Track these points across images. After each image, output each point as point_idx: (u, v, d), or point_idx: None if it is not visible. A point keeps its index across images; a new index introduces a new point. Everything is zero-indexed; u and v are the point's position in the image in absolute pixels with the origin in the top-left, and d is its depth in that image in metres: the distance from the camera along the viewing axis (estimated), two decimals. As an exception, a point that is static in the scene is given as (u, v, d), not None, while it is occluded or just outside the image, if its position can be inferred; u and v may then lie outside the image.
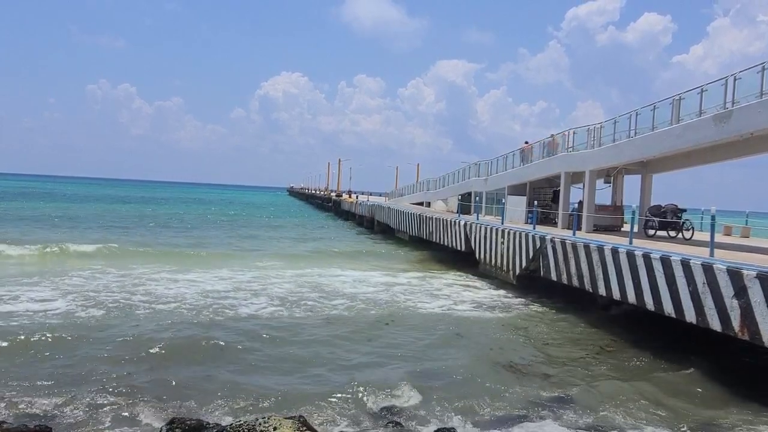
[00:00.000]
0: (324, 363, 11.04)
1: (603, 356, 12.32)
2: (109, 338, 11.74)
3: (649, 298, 12.40)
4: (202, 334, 12.43)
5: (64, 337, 11.57)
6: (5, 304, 14.33)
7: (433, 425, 8.20)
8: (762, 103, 13.07)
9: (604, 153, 19.66)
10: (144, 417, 8.08)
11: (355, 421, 8.31)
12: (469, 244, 23.40)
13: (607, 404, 9.31)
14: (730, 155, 16.87)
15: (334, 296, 17.68)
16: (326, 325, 14.02)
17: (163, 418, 7.93)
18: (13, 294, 15.44)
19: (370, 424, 8.19)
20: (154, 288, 17.42)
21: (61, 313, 13.73)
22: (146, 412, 8.22)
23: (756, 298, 9.65)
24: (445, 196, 37.37)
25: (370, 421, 8.32)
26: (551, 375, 10.82)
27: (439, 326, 14.45)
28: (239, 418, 7.94)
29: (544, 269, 17.44)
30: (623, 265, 13.32)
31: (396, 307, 16.65)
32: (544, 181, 25.27)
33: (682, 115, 16.17)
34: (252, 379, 9.90)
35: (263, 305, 15.85)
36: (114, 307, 14.61)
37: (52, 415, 7.93)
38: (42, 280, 17.69)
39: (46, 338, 11.33)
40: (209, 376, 9.95)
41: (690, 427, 8.58)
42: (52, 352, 10.62)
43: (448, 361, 11.46)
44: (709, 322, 10.64)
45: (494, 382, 10.15)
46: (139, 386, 9.15)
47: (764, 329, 9.48)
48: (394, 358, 11.57)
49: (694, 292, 11.04)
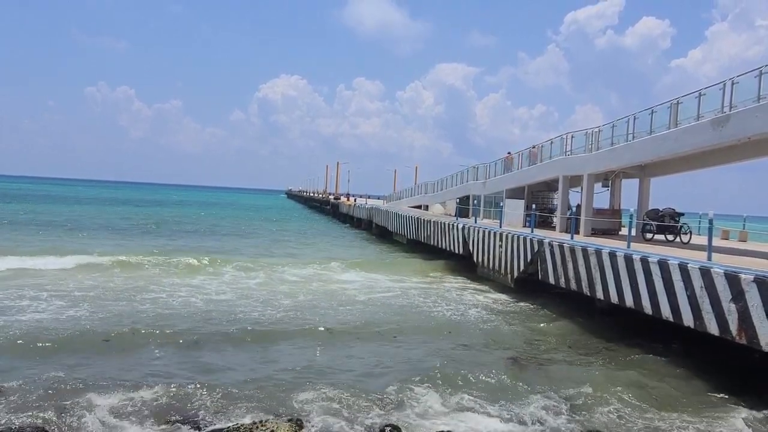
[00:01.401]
0: (322, 365, 11.04)
1: (601, 359, 12.32)
2: (109, 339, 11.73)
3: (647, 301, 12.40)
4: (203, 336, 12.43)
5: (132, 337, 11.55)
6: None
7: (432, 427, 8.19)
8: (760, 108, 13.10)
9: (603, 157, 19.69)
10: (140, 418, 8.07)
11: (352, 423, 8.29)
12: (467, 247, 23.39)
13: (604, 406, 9.31)
14: (728, 159, 16.93)
15: (328, 298, 17.67)
16: (318, 330, 13.98)
17: (161, 422, 7.92)
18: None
19: (366, 428, 8.18)
20: (157, 292, 17.41)
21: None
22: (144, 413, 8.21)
23: (753, 302, 9.66)
24: (444, 199, 37.39)
25: (368, 424, 8.30)
26: (550, 378, 10.80)
27: (435, 328, 14.43)
28: (237, 422, 7.94)
29: (542, 273, 17.44)
30: (621, 269, 13.32)
31: (392, 309, 16.62)
32: (542, 185, 25.30)
33: (680, 119, 16.21)
34: (250, 382, 9.88)
35: (266, 309, 15.82)
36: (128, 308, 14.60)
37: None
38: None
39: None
40: (210, 377, 9.95)
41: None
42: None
43: (447, 362, 11.45)
44: (707, 326, 10.63)
45: (493, 384, 10.14)
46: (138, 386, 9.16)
47: (762, 333, 9.49)
48: (391, 362, 11.55)
49: (691, 296, 11.04)
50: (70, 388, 8.98)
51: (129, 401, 8.59)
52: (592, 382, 10.56)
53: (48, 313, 13.87)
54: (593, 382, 10.55)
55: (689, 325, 11.11)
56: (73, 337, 11.89)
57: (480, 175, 30.93)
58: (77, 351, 11.10)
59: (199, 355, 11.29)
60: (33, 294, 15.82)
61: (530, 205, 23.00)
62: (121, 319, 13.65)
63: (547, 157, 23.47)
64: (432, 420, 8.55)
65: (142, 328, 12.76)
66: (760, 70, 13.43)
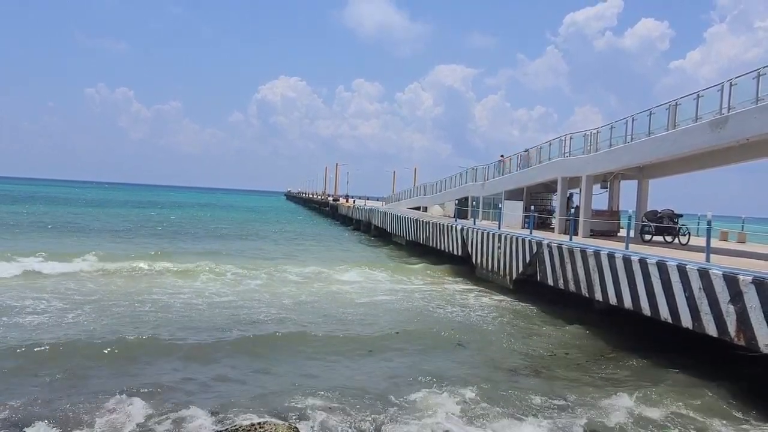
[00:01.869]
0: (320, 369, 11.04)
1: (601, 361, 12.31)
2: (111, 340, 11.74)
3: (645, 303, 12.40)
4: (202, 339, 12.44)
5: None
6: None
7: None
8: (758, 109, 13.12)
9: (601, 158, 19.70)
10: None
11: (350, 427, 8.28)
12: (465, 248, 23.39)
13: (603, 410, 9.31)
14: (727, 161, 16.95)
15: (328, 300, 17.67)
16: (317, 334, 13.99)
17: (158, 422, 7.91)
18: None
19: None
20: (159, 294, 17.41)
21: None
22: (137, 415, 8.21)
23: (752, 303, 9.66)
24: (443, 200, 37.39)
25: (366, 429, 8.30)
26: (549, 380, 10.81)
27: (435, 330, 14.42)
28: (235, 424, 7.93)
29: (540, 274, 17.44)
30: (620, 271, 13.32)
31: (392, 312, 16.62)
32: (541, 186, 25.32)
33: (679, 121, 16.22)
34: (248, 385, 9.89)
35: (266, 311, 15.82)
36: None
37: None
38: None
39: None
40: (211, 378, 9.96)
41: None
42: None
43: (447, 365, 11.46)
44: (705, 327, 10.64)
45: (492, 387, 10.13)
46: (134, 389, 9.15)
47: (760, 335, 9.49)
48: (390, 367, 11.55)
49: (690, 298, 11.05)
50: (67, 392, 8.97)
51: (125, 402, 8.57)
52: (592, 384, 10.56)
53: (46, 315, 13.88)
54: (593, 384, 10.56)
55: (688, 326, 11.11)
56: (73, 340, 11.86)
57: (479, 177, 30.95)
58: (78, 354, 11.04)
59: (197, 357, 11.25)
60: (36, 295, 15.88)
61: (529, 207, 23.00)
62: (122, 322, 13.63)
63: (546, 158, 23.52)
64: (431, 426, 8.53)
65: (141, 332, 12.73)
66: (758, 71, 13.44)
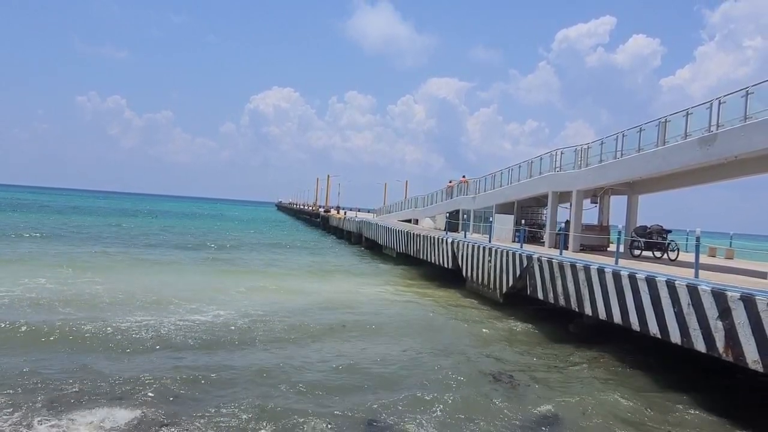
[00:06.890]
0: (317, 378, 10.92)
1: (590, 374, 12.27)
2: (111, 341, 11.55)
3: (634, 318, 12.40)
4: (197, 352, 12.28)
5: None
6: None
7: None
8: (746, 127, 13.27)
9: (591, 173, 19.82)
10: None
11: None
12: (456, 261, 23.37)
13: (594, 422, 9.25)
14: (715, 177, 17.08)
15: (319, 311, 17.53)
16: (311, 344, 13.86)
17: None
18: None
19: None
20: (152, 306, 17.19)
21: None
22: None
23: (740, 319, 9.68)
24: (434, 213, 37.43)
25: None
26: (538, 393, 10.75)
27: (424, 341, 14.33)
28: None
29: (530, 288, 17.43)
30: (609, 285, 13.33)
31: (381, 323, 16.51)
32: (531, 201, 25.41)
33: (669, 138, 16.37)
34: (246, 389, 9.83)
35: (256, 323, 15.67)
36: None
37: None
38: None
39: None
40: (212, 381, 9.86)
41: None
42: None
43: (437, 377, 11.36)
44: (694, 343, 10.64)
45: (482, 400, 10.07)
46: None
47: (748, 351, 9.50)
48: (374, 376, 11.45)
49: (679, 313, 11.06)
50: (66, 396, 8.82)
51: (118, 412, 8.46)
52: (582, 396, 10.51)
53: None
54: (583, 396, 10.51)
55: (676, 342, 11.11)
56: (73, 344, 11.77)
57: (470, 190, 31.04)
58: (76, 354, 10.96)
59: (194, 368, 11.06)
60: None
61: (520, 221, 23.06)
62: (117, 329, 13.48)
63: (537, 172, 23.63)
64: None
65: (133, 342, 12.58)
66: (747, 90, 13.61)
